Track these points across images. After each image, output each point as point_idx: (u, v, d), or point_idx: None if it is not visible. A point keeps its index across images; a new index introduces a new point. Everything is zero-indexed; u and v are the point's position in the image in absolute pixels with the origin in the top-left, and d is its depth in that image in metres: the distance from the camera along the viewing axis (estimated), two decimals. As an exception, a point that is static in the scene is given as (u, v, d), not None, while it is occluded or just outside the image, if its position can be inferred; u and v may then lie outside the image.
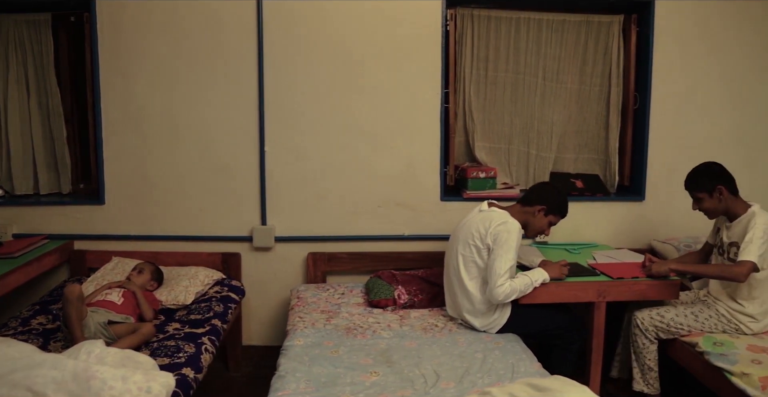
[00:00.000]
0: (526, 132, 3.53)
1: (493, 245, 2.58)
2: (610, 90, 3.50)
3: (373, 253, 3.34)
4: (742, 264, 2.53)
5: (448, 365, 2.37)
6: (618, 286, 2.73)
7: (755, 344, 2.57)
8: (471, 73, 3.44)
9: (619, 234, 3.49)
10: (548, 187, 2.80)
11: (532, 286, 2.62)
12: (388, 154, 3.31)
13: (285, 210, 3.30)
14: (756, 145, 3.53)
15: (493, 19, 3.41)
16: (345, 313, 2.90)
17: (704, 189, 2.71)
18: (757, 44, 3.44)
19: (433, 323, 2.80)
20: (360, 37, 3.22)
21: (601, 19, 3.46)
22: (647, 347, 2.78)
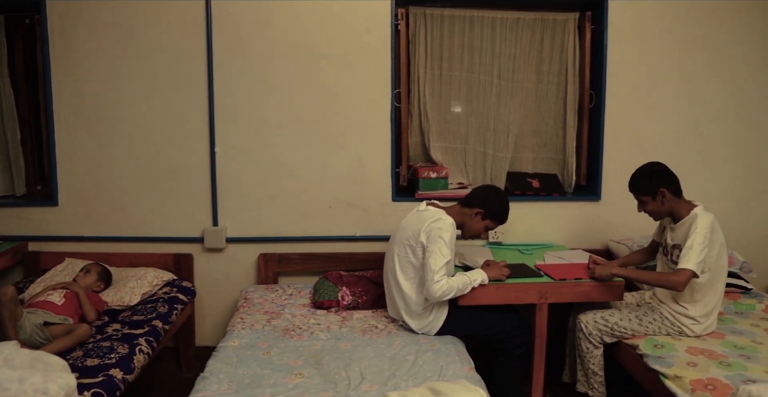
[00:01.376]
0: (482, 132, 3.49)
1: (426, 242, 2.56)
2: (567, 88, 3.46)
3: (325, 253, 3.33)
4: (681, 273, 2.48)
5: (376, 367, 2.35)
6: (560, 287, 2.70)
7: (695, 347, 2.53)
8: (425, 72, 3.41)
9: (576, 234, 3.45)
10: (490, 191, 2.77)
11: (471, 286, 2.59)
12: (339, 155, 3.29)
13: (236, 211, 3.30)
14: (714, 144, 3.48)
15: (447, 17, 3.38)
16: (288, 314, 2.89)
17: (647, 192, 2.66)
18: (713, 42, 3.40)
19: (374, 325, 2.78)
20: (309, 38, 3.21)
21: (556, 17, 3.42)
22: (591, 351, 2.74)
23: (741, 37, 3.41)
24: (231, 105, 3.23)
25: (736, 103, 3.46)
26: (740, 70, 3.43)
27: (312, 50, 3.22)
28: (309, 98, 3.25)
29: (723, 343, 2.58)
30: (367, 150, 3.30)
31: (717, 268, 2.61)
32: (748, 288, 3.15)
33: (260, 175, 3.28)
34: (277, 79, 3.23)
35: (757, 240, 3.57)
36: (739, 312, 2.96)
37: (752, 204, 3.54)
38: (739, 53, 3.42)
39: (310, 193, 3.31)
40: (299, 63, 3.22)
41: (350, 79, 3.24)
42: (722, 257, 2.62)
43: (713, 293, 2.63)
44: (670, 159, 3.37)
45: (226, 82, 3.21)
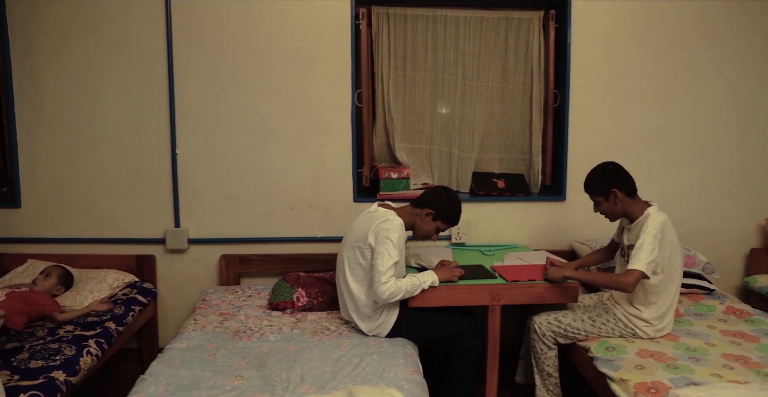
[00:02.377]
0: (447, 132, 3.47)
1: (374, 244, 2.54)
2: (533, 88, 3.42)
3: (286, 255, 3.32)
4: (629, 274, 2.45)
5: (319, 369, 2.34)
6: (512, 289, 2.66)
7: (647, 349, 2.50)
8: (389, 72, 3.39)
9: (541, 235, 3.41)
10: (441, 192, 2.74)
11: (420, 287, 2.57)
12: (300, 155, 3.28)
13: (198, 212, 3.30)
14: (679, 144, 3.44)
15: (410, 17, 3.36)
16: (242, 315, 2.88)
17: (599, 192, 2.63)
18: (678, 42, 3.35)
19: (326, 327, 2.77)
20: (270, 38, 3.20)
21: (520, 16, 3.38)
22: (545, 352, 2.71)
23: (706, 37, 3.36)
24: (192, 106, 3.22)
25: (701, 103, 3.41)
26: (705, 70, 3.39)
27: (272, 51, 3.21)
28: (270, 99, 3.24)
29: (676, 345, 2.55)
30: (328, 151, 3.28)
31: (670, 269, 2.57)
32: (711, 289, 3.11)
33: (222, 176, 3.28)
34: (238, 80, 3.22)
35: (723, 240, 3.52)
36: (698, 314, 2.92)
37: (717, 204, 3.49)
38: (704, 53, 3.37)
39: (271, 194, 3.30)
40: (259, 64, 3.21)
41: (311, 79, 3.23)
42: (675, 258, 2.58)
43: (667, 294, 2.60)
44: (634, 159, 3.37)
45: (187, 83, 3.20)
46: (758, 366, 2.35)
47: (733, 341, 2.59)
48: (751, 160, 3.49)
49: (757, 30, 3.39)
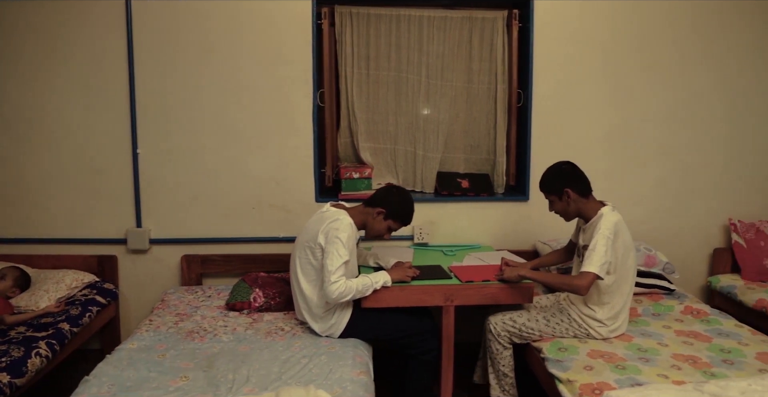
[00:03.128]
0: (411, 132, 3.46)
1: (324, 243, 2.53)
2: (497, 88, 3.42)
3: (248, 255, 3.31)
4: (583, 276, 2.44)
5: (265, 370, 2.33)
6: (466, 289, 2.66)
7: (598, 350, 2.49)
8: (353, 72, 3.38)
9: (504, 235, 3.41)
10: (393, 191, 2.73)
11: (372, 287, 2.56)
12: (262, 155, 3.27)
13: (160, 212, 3.29)
14: (643, 144, 3.44)
15: (373, 16, 3.35)
16: (198, 316, 2.88)
17: (553, 192, 2.62)
18: (641, 41, 3.35)
19: (281, 327, 2.76)
20: (231, 38, 3.19)
21: (484, 16, 3.37)
22: (500, 352, 2.70)
23: (668, 37, 3.36)
24: (153, 106, 3.21)
25: (664, 103, 3.41)
26: (669, 69, 3.38)
27: (233, 50, 3.20)
28: (231, 99, 3.23)
29: (628, 346, 2.54)
30: (289, 150, 3.27)
31: (623, 269, 2.56)
32: (671, 289, 3.10)
33: (184, 176, 3.27)
34: (200, 80, 3.21)
35: (687, 240, 3.52)
36: (656, 314, 2.92)
37: (681, 204, 3.49)
38: (667, 53, 3.37)
39: (233, 194, 3.29)
40: (221, 63, 3.20)
41: (272, 79, 3.22)
42: (628, 258, 2.57)
43: (620, 295, 2.59)
44: (597, 159, 3.38)
45: (148, 83, 3.19)
46: (706, 366, 2.34)
47: (685, 341, 2.59)
48: (714, 160, 3.49)
49: (718, 31, 3.39)
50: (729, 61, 3.42)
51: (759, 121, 3.48)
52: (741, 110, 3.46)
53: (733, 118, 3.47)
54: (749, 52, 3.42)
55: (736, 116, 3.47)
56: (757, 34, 3.41)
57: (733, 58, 3.42)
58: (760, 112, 3.48)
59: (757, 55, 3.43)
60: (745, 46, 3.41)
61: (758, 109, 3.48)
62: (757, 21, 3.40)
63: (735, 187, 3.51)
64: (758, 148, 3.50)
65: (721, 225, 3.53)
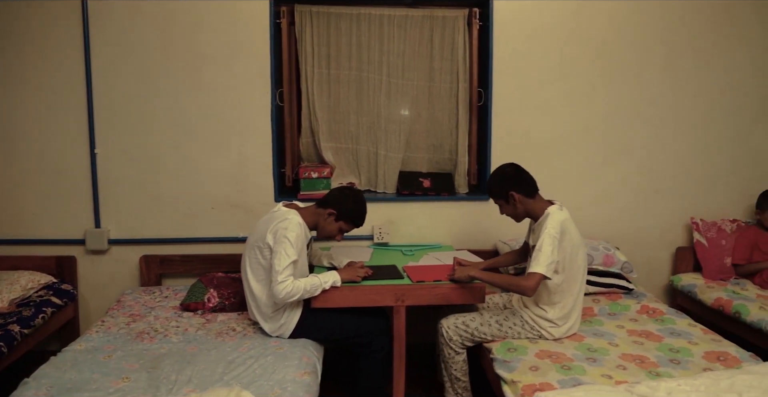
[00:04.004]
0: (373, 131, 3.44)
1: (272, 243, 2.52)
2: (459, 87, 3.40)
3: (207, 255, 3.30)
4: (529, 277, 2.43)
5: (209, 370, 2.32)
6: (417, 289, 2.64)
7: (547, 350, 2.48)
8: (313, 71, 3.37)
9: (465, 235, 3.40)
10: (346, 192, 2.71)
11: (321, 287, 2.55)
12: (221, 155, 3.26)
13: (119, 212, 3.27)
14: (606, 143, 3.43)
15: (333, 15, 3.34)
16: (152, 317, 2.86)
17: (499, 196, 2.61)
18: (601, 40, 3.34)
19: (233, 327, 2.75)
20: (188, 37, 3.17)
21: (445, 14, 3.36)
22: (453, 357, 2.68)
23: (630, 35, 3.35)
24: (111, 106, 3.20)
25: (627, 102, 3.40)
26: (630, 69, 3.38)
27: (191, 50, 3.18)
28: (190, 98, 3.21)
29: (578, 346, 2.53)
30: (248, 150, 3.26)
31: (572, 268, 2.55)
32: (630, 288, 3.09)
33: (143, 176, 3.25)
34: (158, 80, 3.19)
35: (650, 239, 3.52)
36: (612, 313, 2.91)
37: (644, 204, 3.48)
38: (628, 52, 3.36)
39: (192, 194, 3.28)
40: (179, 63, 3.19)
41: (230, 78, 3.21)
42: (577, 257, 2.55)
43: (570, 294, 2.57)
44: (560, 158, 3.38)
45: (105, 83, 3.18)
46: (652, 366, 2.34)
47: (636, 341, 2.58)
48: (676, 160, 3.48)
49: (678, 31, 3.38)
50: (690, 61, 3.41)
51: (721, 121, 3.48)
52: (703, 110, 3.46)
53: (694, 118, 3.46)
54: (710, 53, 3.42)
55: (698, 116, 3.46)
56: (718, 34, 3.40)
57: (695, 58, 3.41)
58: (722, 111, 3.47)
59: (718, 56, 3.42)
60: (706, 46, 3.41)
61: (720, 109, 3.47)
62: (718, 22, 3.39)
63: (697, 187, 3.51)
64: (720, 148, 3.50)
65: (683, 224, 3.52)
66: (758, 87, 3.47)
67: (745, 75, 3.45)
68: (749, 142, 3.50)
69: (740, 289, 3.19)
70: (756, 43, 3.43)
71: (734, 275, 3.35)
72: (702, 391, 1.75)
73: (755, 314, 2.87)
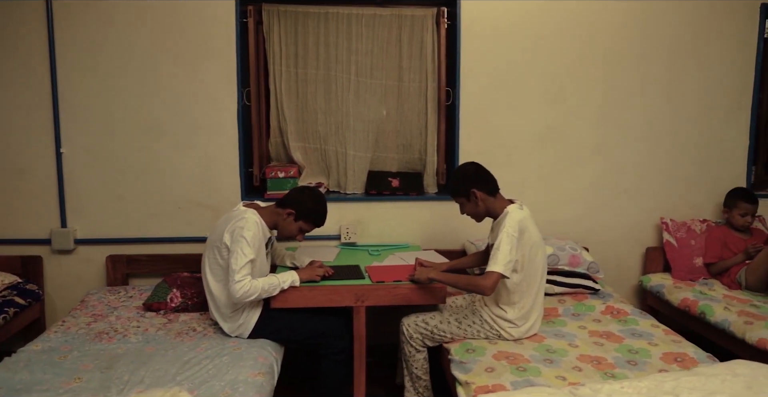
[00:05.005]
0: (341, 131, 3.42)
1: (230, 242, 2.50)
2: (428, 86, 3.39)
3: (174, 255, 3.28)
4: (487, 276, 2.41)
5: (163, 371, 2.30)
6: (377, 290, 2.63)
7: (505, 351, 2.46)
8: (281, 70, 3.35)
9: (434, 234, 3.38)
10: (306, 192, 2.70)
11: (279, 287, 2.54)
12: (187, 154, 3.25)
13: (86, 212, 3.26)
14: (575, 143, 3.42)
15: (301, 14, 3.32)
16: (114, 317, 2.85)
17: (461, 194, 2.60)
18: (571, 40, 3.33)
19: (194, 327, 2.74)
20: (154, 36, 3.16)
21: (413, 13, 3.35)
22: (413, 355, 2.67)
23: (600, 35, 3.35)
24: (77, 105, 3.18)
25: (598, 102, 3.40)
26: (600, 69, 3.37)
27: (157, 49, 3.17)
28: (155, 97, 3.20)
29: (537, 346, 2.52)
30: (214, 150, 3.25)
31: (531, 268, 2.53)
32: (596, 289, 3.08)
33: (109, 175, 3.24)
34: (124, 79, 3.17)
35: (620, 240, 3.52)
36: (576, 314, 2.89)
37: (614, 203, 3.48)
38: (598, 52, 3.36)
39: (159, 193, 3.26)
40: (145, 62, 3.17)
41: (196, 78, 3.19)
42: (536, 256, 2.54)
43: (529, 294, 2.56)
44: (530, 157, 3.37)
45: (71, 82, 3.16)
46: (609, 367, 2.33)
47: (596, 342, 2.57)
48: (646, 160, 3.47)
49: (649, 31, 3.37)
50: (661, 60, 3.40)
51: (692, 120, 3.47)
52: (673, 110, 3.45)
53: (665, 118, 3.45)
54: (681, 52, 3.41)
55: (668, 116, 3.45)
56: (689, 34, 3.40)
57: (666, 58, 3.40)
58: (693, 111, 3.46)
59: (688, 55, 3.41)
60: (677, 46, 3.40)
61: (691, 109, 3.46)
62: (689, 21, 3.38)
63: (668, 187, 3.50)
64: (690, 148, 3.49)
65: (653, 224, 3.51)
66: (729, 87, 3.46)
67: (716, 75, 3.44)
68: (720, 142, 3.49)
69: (708, 289, 3.19)
70: (727, 42, 3.42)
71: (704, 276, 3.35)
72: (644, 393, 1.74)
73: (719, 314, 2.86)
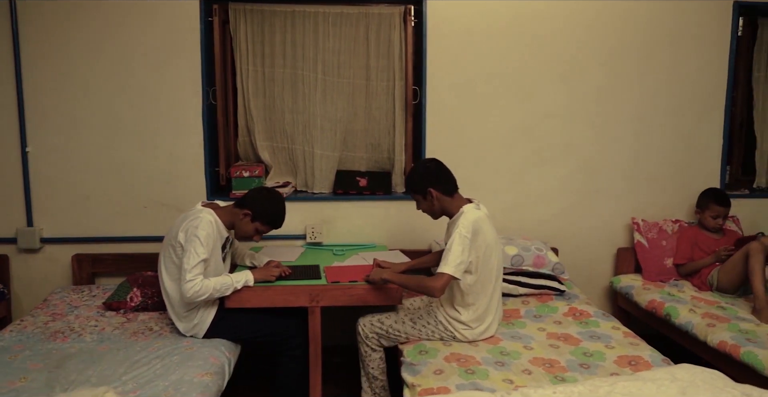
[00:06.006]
0: (308, 130, 3.40)
1: (184, 242, 2.49)
2: (396, 85, 3.36)
3: (140, 254, 3.28)
4: (437, 278, 2.38)
5: (111, 370, 2.29)
6: (332, 290, 2.61)
7: (457, 353, 2.43)
8: (248, 69, 3.34)
9: (400, 234, 3.36)
10: (264, 193, 2.67)
11: (232, 287, 2.53)
12: (153, 154, 3.24)
13: (52, 211, 3.26)
14: (545, 142, 3.39)
15: (267, 13, 3.30)
16: (73, 316, 2.85)
17: (417, 191, 2.57)
18: (540, 39, 3.29)
19: (150, 327, 2.73)
20: (119, 35, 3.15)
21: (381, 11, 3.32)
22: (369, 355, 2.65)
23: (570, 33, 3.31)
24: (43, 105, 3.18)
25: (568, 101, 3.36)
26: (571, 66, 3.33)
27: (122, 48, 3.16)
28: (121, 97, 3.19)
29: (492, 349, 2.48)
30: (180, 149, 3.24)
31: (484, 270, 2.50)
32: (562, 290, 3.04)
33: (75, 175, 3.24)
34: (89, 78, 3.17)
35: (592, 240, 3.48)
36: (538, 315, 2.86)
37: (586, 203, 3.44)
38: (568, 50, 3.32)
39: (125, 192, 3.26)
40: (110, 61, 3.16)
41: (161, 77, 3.18)
42: (490, 257, 2.51)
43: (484, 296, 2.53)
44: (499, 156, 3.34)
45: (36, 82, 3.16)
46: (560, 370, 2.29)
47: (552, 344, 2.53)
48: (619, 160, 3.43)
49: (622, 27, 3.33)
50: (632, 59, 3.36)
51: (662, 121, 3.42)
52: (644, 109, 3.41)
53: (636, 117, 3.41)
54: (653, 51, 3.36)
55: (640, 115, 3.41)
56: (661, 32, 3.35)
57: (637, 57, 3.36)
58: (664, 111, 3.42)
59: (660, 54, 3.37)
60: (649, 44, 3.36)
61: (661, 109, 3.42)
62: (661, 20, 3.34)
63: (640, 187, 3.46)
64: (662, 147, 3.44)
65: (625, 224, 3.47)
66: (701, 86, 3.41)
67: (689, 73, 3.39)
68: (693, 141, 3.44)
69: (677, 291, 3.14)
70: (700, 41, 3.37)
71: (675, 277, 3.30)
72: (575, 398, 1.70)
73: (684, 316, 2.82)
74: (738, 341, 2.50)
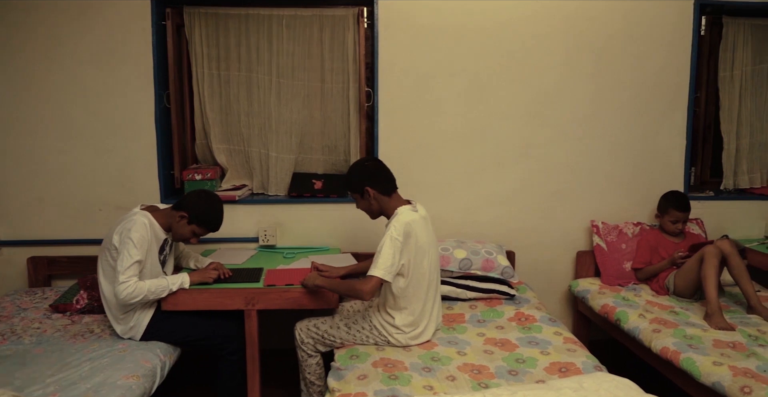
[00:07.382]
0: (264, 133, 3.40)
1: (118, 244, 2.50)
2: (350, 87, 3.34)
3: (95, 256, 3.23)
4: (366, 281, 2.35)
5: (37, 373, 2.30)
6: (268, 293, 2.60)
7: (388, 358, 2.40)
8: (203, 72, 3.35)
9: (355, 237, 3.33)
10: (202, 196, 2.66)
11: (167, 289, 2.53)
12: (106, 157, 3.26)
13: (7, 214, 3.29)
14: (502, 143, 3.35)
15: (222, 16, 3.31)
16: (19, 318, 2.87)
17: (355, 190, 2.55)
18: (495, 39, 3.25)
19: (92, 329, 2.74)
20: (71, 37, 3.17)
21: (335, 13, 3.30)
22: (306, 360, 2.63)
23: (527, 32, 3.26)
24: (-6, 107, 3.22)
25: (523, 101, 3.30)
26: (528, 66, 3.29)
27: (75, 51, 3.19)
28: (74, 100, 3.22)
29: (424, 354, 2.44)
30: (133, 152, 3.25)
31: (417, 273, 2.46)
32: (512, 294, 2.99)
33: (29, 178, 3.27)
34: (42, 80, 3.20)
35: (552, 243, 3.43)
36: (482, 320, 2.80)
37: (544, 205, 3.38)
38: (524, 49, 3.27)
39: (79, 195, 3.28)
40: (63, 64, 3.19)
41: (113, 80, 3.20)
42: (422, 261, 2.47)
43: (417, 300, 2.49)
44: (454, 158, 3.31)
45: (-12, 85, 3.20)
46: (487, 377, 2.25)
47: (487, 350, 2.48)
48: (578, 161, 3.37)
49: (582, 27, 3.28)
50: (592, 59, 3.30)
51: (623, 121, 3.35)
52: (604, 110, 3.34)
53: (596, 118, 3.34)
54: (614, 51, 3.30)
55: (599, 116, 3.34)
56: (622, 32, 3.29)
57: (597, 57, 3.30)
58: (626, 111, 3.34)
59: (621, 54, 3.30)
60: (608, 43, 3.29)
61: (624, 109, 3.34)
62: (622, 19, 3.27)
63: (600, 189, 3.39)
64: (623, 149, 3.37)
65: (585, 227, 3.40)
66: (663, 86, 3.33)
67: (650, 74, 3.32)
68: (654, 142, 3.37)
69: (633, 295, 3.06)
70: (661, 40, 3.30)
71: (634, 281, 3.22)
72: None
73: (632, 321, 2.75)
74: (679, 348, 2.43)
